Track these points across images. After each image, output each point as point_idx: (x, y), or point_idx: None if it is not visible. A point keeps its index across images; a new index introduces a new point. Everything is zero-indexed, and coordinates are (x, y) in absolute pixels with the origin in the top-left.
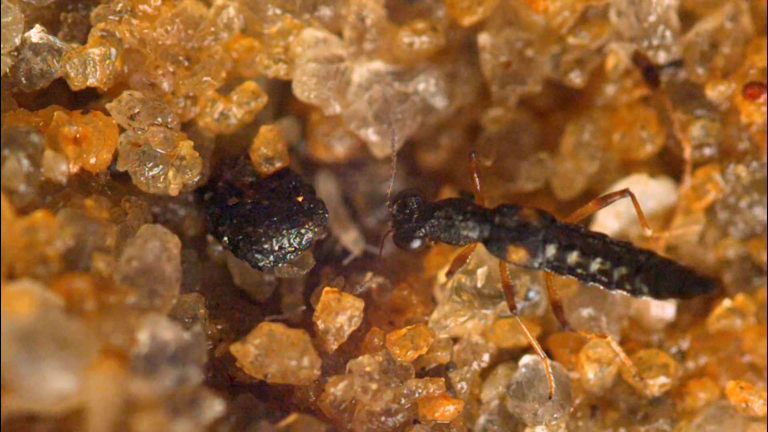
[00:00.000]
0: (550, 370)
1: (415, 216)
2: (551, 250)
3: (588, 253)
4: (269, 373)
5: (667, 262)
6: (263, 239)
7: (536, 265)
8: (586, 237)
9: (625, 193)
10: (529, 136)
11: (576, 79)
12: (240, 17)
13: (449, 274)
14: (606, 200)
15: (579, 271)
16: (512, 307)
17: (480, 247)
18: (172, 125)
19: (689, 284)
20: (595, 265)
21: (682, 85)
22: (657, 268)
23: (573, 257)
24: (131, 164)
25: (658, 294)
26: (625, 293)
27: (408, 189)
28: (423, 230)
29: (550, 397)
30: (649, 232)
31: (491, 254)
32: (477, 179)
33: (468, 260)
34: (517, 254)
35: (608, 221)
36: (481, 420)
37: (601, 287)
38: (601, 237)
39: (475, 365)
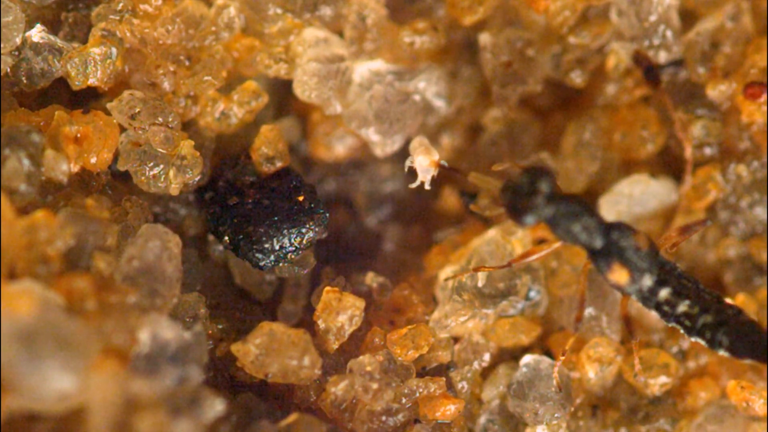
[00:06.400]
0: (557, 369)
1: (546, 194)
2: (648, 282)
3: (679, 293)
4: (270, 373)
5: (753, 323)
6: (264, 239)
7: (629, 290)
8: (681, 278)
9: (706, 222)
10: (529, 136)
11: (577, 78)
12: (241, 17)
13: (511, 264)
14: (689, 229)
15: (665, 308)
16: (578, 319)
17: (482, 248)
18: (173, 125)
19: None
20: (682, 307)
21: (683, 84)
22: (743, 326)
23: (664, 294)
24: (132, 164)
25: (736, 352)
26: (702, 341)
27: (544, 165)
28: (547, 212)
29: (560, 390)
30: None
31: (593, 264)
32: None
33: (469, 259)
34: (619, 274)
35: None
36: (482, 419)
37: (681, 329)
38: (695, 281)
39: (475, 365)
